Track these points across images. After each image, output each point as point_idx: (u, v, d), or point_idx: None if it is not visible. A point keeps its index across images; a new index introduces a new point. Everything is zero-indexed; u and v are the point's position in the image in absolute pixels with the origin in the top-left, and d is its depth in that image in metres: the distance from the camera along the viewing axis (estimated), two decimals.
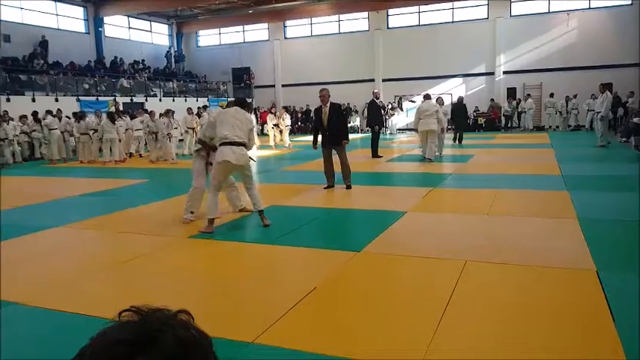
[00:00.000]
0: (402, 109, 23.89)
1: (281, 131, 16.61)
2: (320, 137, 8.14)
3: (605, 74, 20.17)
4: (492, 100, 23.29)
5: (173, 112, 14.99)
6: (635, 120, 14.35)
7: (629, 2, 21.49)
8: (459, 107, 15.92)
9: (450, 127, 15.56)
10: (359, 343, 2.87)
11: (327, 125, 7.94)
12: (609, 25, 21.67)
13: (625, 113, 18.37)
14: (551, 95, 21.75)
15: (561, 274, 3.91)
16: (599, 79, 15.84)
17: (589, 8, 22.19)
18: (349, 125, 25.22)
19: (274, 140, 16.64)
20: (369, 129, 13.15)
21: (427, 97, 12.13)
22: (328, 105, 7.97)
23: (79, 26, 23.86)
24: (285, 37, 28.35)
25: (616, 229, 5.26)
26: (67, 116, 16.02)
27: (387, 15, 25.95)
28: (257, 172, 11.45)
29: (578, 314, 3.19)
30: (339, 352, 2.75)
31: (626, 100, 19.17)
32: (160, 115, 14.67)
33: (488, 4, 23.94)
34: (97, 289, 3.97)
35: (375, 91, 13.42)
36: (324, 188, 8.12)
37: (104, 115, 14.70)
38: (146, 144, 15.98)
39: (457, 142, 15.71)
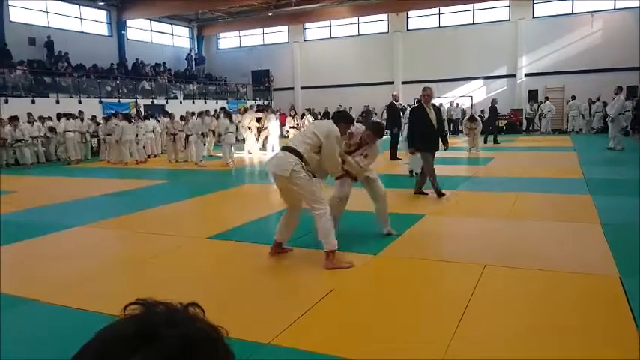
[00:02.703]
0: None
1: None
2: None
3: (629, 77, 19.75)
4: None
5: (207, 111, 14.92)
6: None
7: None
8: (492, 110, 16.64)
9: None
10: (375, 346, 2.85)
11: (431, 128, 7.12)
12: (634, 26, 21.20)
13: None
14: (573, 97, 21.37)
15: (583, 280, 3.83)
16: (623, 82, 15.51)
17: (614, 9, 21.77)
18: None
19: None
20: (388, 132, 13.06)
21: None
22: (431, 106, 7.18)
23: (103, 29, 24.28)
24: (304, 40, 28.43)
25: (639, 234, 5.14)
26: (92, 117, 16.34)
27: (407, 17, 25.82)
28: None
29: (601, 321, 3.12)
30: (355, 355, 2.73)
31: None
32: (194, 114, 14.77)
33: (510, 6, 23.64)
34: (117, 287, 4.02)
35: (395, 93, 13.34)
36: (415, 193, 7.57)
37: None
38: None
39: (494, 142, 16.56)
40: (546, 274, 3.96)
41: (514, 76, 23.57)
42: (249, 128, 15.78)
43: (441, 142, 7.44)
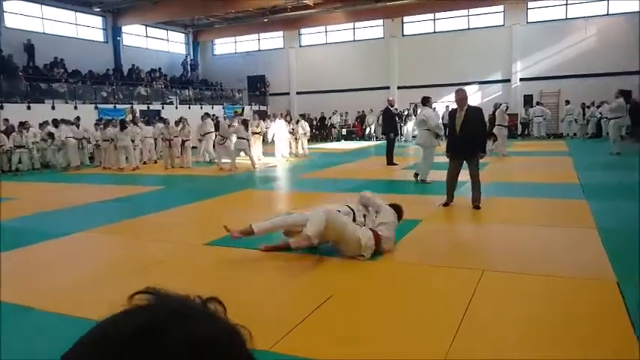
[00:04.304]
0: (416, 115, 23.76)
1: (296, 139, 16.52)
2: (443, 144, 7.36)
3: (624, 81, 19.86)
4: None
5: (208, 114, 15.28)
6: None
7: None
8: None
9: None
10: (374, 352, 2.85)
11: (460, 133, 6.84)
12: (628, 31, 21.38)
13: None
14: (567, 102, 21.53)
15: (580, 285, 3.84)
16: (617, 87, 15.60)
17: (607, 14, 21.96)
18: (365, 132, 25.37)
19: (289, 148, 16.51)
20: (384, 137, 13.12)
21: (424, 101, 9.80)
22: (465, 109, 6.88)
23: (98, 35, 24.27)
24: (300, 45, 28.50)
25: (635, 239, 5.16)
26: (98, 122, 16.48)
27: (403, 22, 25.95)
28: (274, 179, 11.50)
29: (599, 325, 3.13)
30: None
31: None
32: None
33: (504, 11, 23.80)
34: (115, 295, 3.98)
35: (390, 99, 13.36)
36: (442, 205, 7.09)
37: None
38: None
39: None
40: (544, 279, 3.97)
41: (509, 81, 23.71)
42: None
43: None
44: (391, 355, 2.82)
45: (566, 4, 22.69)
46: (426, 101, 9.76)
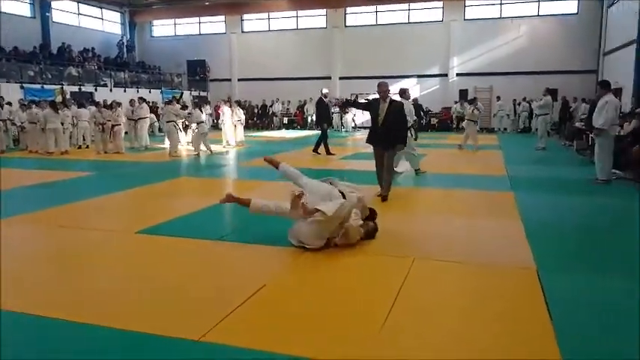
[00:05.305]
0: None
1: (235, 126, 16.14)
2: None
3: (552, 79, 21.04)
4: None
5: (143, 98, 14.90)
6: (578, 125, 15.06)
7: (575, 12, 22.50)
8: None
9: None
10: (305, 340, 2.87)
11: (381, 124, 6.89)
12: (557, 32, 22.62)
13: (569, 117, 19.22)
14: (498, 98, 22.53)
15: (504, 273, 4.04)
16: (546, 84, 16.50)
17: (538, 15, 23.08)
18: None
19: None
20: (318, 127, 13.29)
21: (401, 93, 9.65)
22: (388, 101, 6.89)
23: (24, 10, 22.74)
24: (242, 31, 28.02)
25: (556, 230, 5.49)
26: (7, 103, 15.27)
27: (345, 13, 26.09)
28: (213, 166, 11.28)
29: (519, 311, 3.31)
30: (285, 349, 2.74)
31: (570, 105, 20.06)
32: (166, 103, 14.71)
33: (443, 7, 24.48)
34: (38, 286, 3.79)
35: (325, 91, 13.35)
36: (378, 196, 7.05)
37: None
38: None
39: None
40: (471, 267, 4.15)
41: (446, 75, 24.46)
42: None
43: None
44: (323, 342, 2.84)
45: (501, 4, 23.65)
46: (402, 93, 9.63)
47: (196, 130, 13.49)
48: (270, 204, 4.89)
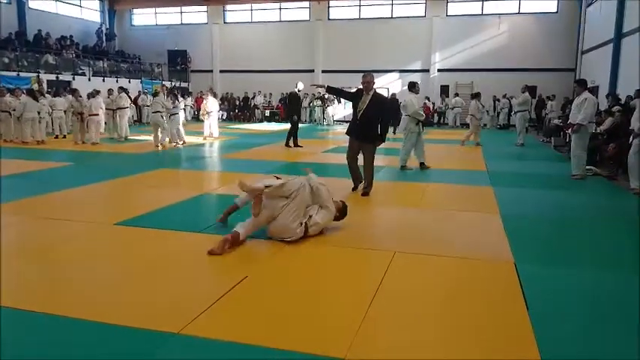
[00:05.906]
0: (339, 101, 23.97)
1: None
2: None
3: (531, 77, 21.36)
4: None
5: (123, 88, 14.59)
6: (555, 122, 15.31)
7: (555, 10, 22.81)
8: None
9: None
10: (286, 333, 2.88)
11: (360, 116, 6.74)
12: (536, 30, 22.91)
13: (545, 115, 19.56)
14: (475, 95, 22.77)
15: (483, 266, 4.10)
16: (525, 81, 16.72)
17: (518, 13, 23.34)
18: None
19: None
20: (289, 119, 13.32)
21: (410, 86, 9.66)
22: (371, 94, 6.71)
23: None
24: (224, 22, 27.73)
25: (533, 223, 5.60)
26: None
27: (329, 6, 26.01)
28: (194, 158, 11.18)
29: (497, 303, 3.37)
30: (266, 342, 2.74)
31: (546, 103, 20.41)
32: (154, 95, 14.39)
33: (426, 3, 24.57)
34: (12, 278, 3.72)
35: (300, 86, 13.24)
36: (352, 190, 7.02)
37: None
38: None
39: (393, 133, 16.56)
40: (450, 260, 4.20)
41: (428, 71, 24.59)
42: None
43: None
44: (304, 334, 2.85)
45: (483, 1, 23.83)
46: (412, 87, 9.55)
47: (173, 120, 13.31)
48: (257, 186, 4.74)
